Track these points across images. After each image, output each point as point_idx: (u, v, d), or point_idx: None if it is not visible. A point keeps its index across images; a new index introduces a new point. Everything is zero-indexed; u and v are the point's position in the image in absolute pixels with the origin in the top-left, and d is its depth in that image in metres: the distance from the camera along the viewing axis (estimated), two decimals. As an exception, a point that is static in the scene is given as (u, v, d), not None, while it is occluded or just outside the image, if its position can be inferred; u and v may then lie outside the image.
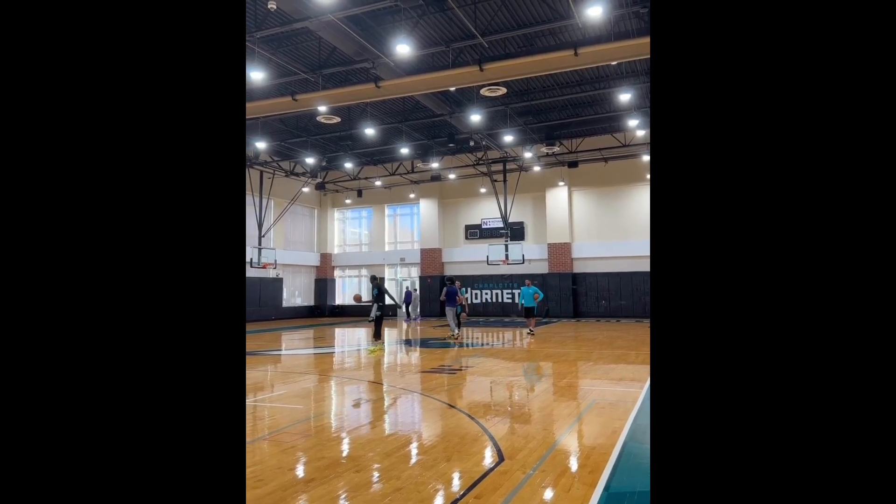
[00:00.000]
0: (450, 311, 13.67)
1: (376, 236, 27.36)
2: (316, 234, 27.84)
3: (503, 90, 13.89)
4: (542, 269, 22.83)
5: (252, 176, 22.35)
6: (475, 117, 16.23)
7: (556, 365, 9.09)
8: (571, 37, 12.17)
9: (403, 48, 11.12)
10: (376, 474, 3.63)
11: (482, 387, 7.16)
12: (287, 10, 10.20)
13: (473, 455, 4.01)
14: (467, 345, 12.73)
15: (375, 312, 11.24)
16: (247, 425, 5.12)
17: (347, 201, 27.31)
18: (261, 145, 19.18)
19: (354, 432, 4.89)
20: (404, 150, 20.25)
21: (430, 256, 25.16)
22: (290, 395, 6.65)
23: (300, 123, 18.84)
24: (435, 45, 12.60)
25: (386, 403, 6.40)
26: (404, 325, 14.21)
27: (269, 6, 9.21)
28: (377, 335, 11.58)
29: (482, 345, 12.70)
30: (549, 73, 11.85)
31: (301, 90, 13.86)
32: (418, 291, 24.43)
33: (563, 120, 18.70)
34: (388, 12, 11.32)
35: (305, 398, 6.47)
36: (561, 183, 22.67)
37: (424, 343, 13.23)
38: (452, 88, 13.53)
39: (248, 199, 22.72)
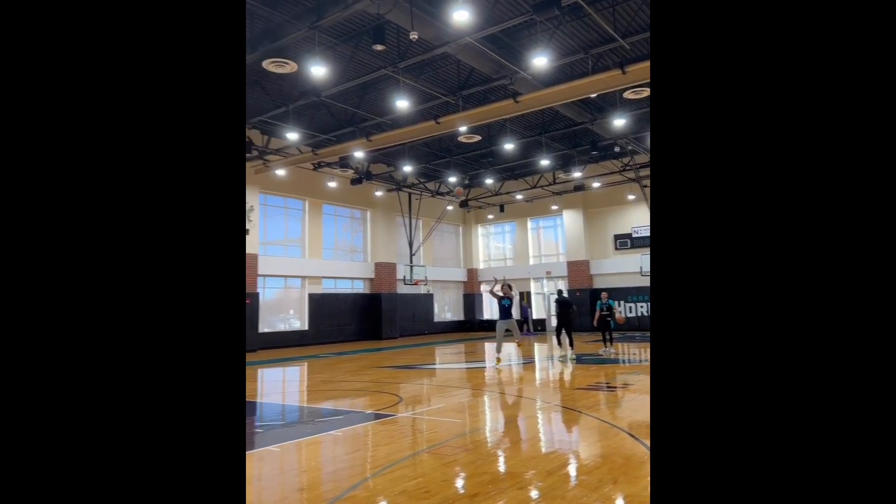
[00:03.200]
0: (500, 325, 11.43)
1: (520, 250, 27.35)
2: (462, 251, 28.56)
3: (648, 91, 13.22)
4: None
5: (402, 198, 23.62)
6: (619, 122, 15.62)
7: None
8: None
9: (541, 60, 11.08)
10: (539, 492, 3.56)
11: (644, 405, 6.76)
12: (427, 38, 10.69)
13: (641, 479, 3.77)
14: (624, 361, 12.14)
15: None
16: (408, 437, 5.33)
17: (490, 217, 27.69)
18: (408, 168, 20.20)
19: (513, 448, 4.87)
20: (545, 162, 20.07)
21: (577, 269, 24.54)
22: (447, 408, 6.82)
23: (443, 145, 19.54)
24: (573, 53, 12.39)
25: (542, 420, 6.30)
26: (554, 341, 13.92)
27: (412, 37, 9.72)
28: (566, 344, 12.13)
29: (640, 361, 12.03)
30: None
31: (443, 113, 14.38)
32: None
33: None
34: (524, 27, 11.37)
35: (462, 412, 6.59)
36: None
37: (579, 359, 12.87)
38: (593, 95, 13.17)
39: (399, 219, 24.02)
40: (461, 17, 9.36)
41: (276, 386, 10.32)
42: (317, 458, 4.79)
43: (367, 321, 22.55)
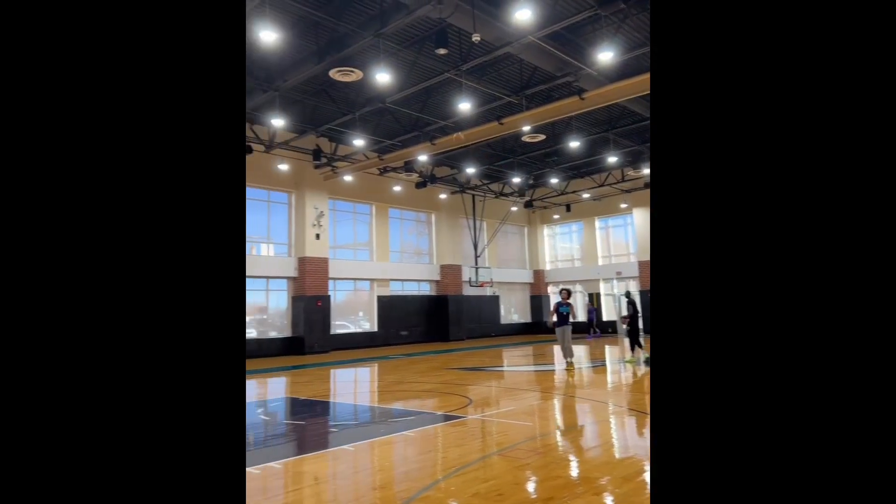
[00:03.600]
0: (560, 331, 10.98)
1: (588, 250, 26.77)
2: (527, 252, 28.29)
3: (722, 80, 12.59)
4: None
5: (465, 200, 23.69)
6: (690, 114, 14.98)
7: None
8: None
9: (606, 55, 10.81)
10: (614, 499, 3.46)
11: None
12: (489, 39, 10.68)
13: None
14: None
15: (626, 327, 11.64)
16: (479, 439, 5.33)
17: (556, 217, 27.27)
18: (471, 170, 20.24)
19: (586, 453, 4.76)
20: (612, 159, 19.56)
21: (649, 269, 23.75)
22: (517, 411, 6.77)
23: (506, 145, 19.44)
24: (640, 46, 12.01)
25: (615, 424, 6.12)
26: (625, 342, 13.53)
27: (474, 39, 9.73)
28: (637, 347, 12.03)
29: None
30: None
31: (506, 113, 14.31)
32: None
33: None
34: (588, 22, 11.13)
35: (532, 415, 6.51)
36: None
37: (649, 362, 12.43)
38: (662, 87, 12.68)
39: (463, 221, 24.09)
40: (523, 16, 9.28)
41: (348, 386, 10.58)
42: (389, 458, 4.87)
43: (434, 323, 22.75)
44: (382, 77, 11.14)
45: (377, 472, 4.43)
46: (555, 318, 11.09)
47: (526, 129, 15.06)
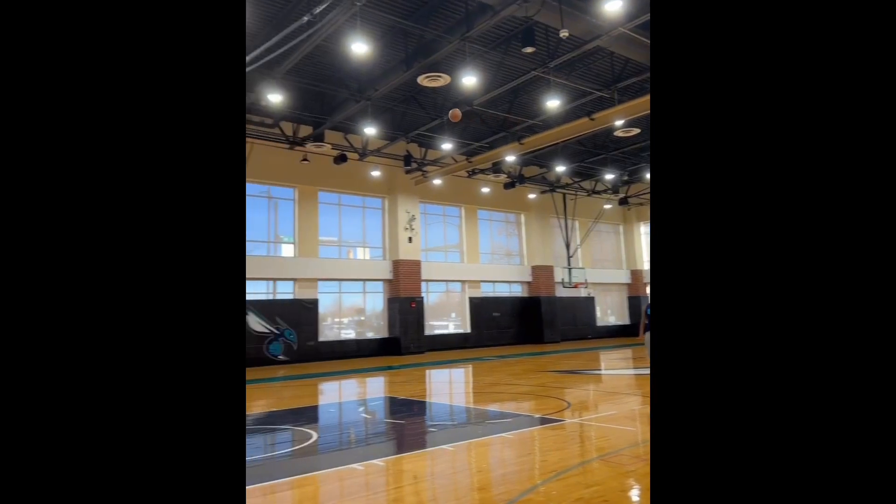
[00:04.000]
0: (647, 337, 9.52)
1: (689, 247, 25.39)
2: (624, 251, 27.31)
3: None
4: None
5: (556, 199, 23.27)
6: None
7: None
8: None
9: (705, 40, 10.22)
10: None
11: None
12: (578, 33, 10.43)
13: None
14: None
15: None
16: (578, 444, 5.19)
17: (653, 213, 26.10)
18: (560, 169, 19.86)
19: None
20: (714, 150, 18.44)
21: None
22: (619, 416, 6.53)
23: (598, 141, 18.90)
24: (742, 26, 11.24)
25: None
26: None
27: (562, 34, 9.54)
28: None
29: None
30: None
31: (597, 108, 13.91)
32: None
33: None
34: (684, 7, 10.58)
35: (634, 420, 6.26)
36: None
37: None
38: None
39: (554, 221, 23.68)
40: (613, 7, 8.97)
41: (443, 387, 10.71)
42: (487, 460, 4.86)
43: (526, 324, 22.52)
44: (469, 80, 11.20)
45: (476, 472, 4.43)
46: (646, 323, 9.95)
47: (618, 123, 14.55)
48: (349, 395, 9.26)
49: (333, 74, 13.09)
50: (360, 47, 9.52)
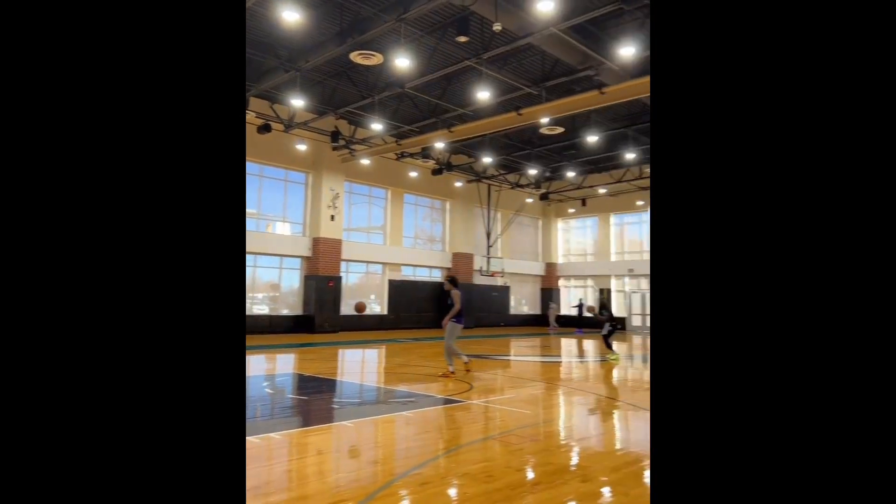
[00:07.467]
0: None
1: (601, 246, 26.69)
2: (540, 244, 28.26)
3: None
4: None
5: (481, 189, 23.70)
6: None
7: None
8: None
9: (628, 51, 10.75)
10: (604, 488, 3.56)
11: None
12: (512, 28, 10.66)
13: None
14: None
15: (608, 328, 12.01)
16: (479, 424, 5.44)
17: (571, 210, 27.17)
18: (487, 160, 20.23)
19: (581, 443, 4.85)
20: (630, 156, 19.43)
21: (660, 266, 23.62)
22: (518, 399, 6.87)
23: (524, 136, 19.39)
24: (663, 41, 11.89)
25: (615, 418, 6.21)
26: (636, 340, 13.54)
27: (495, 28, 9.73)
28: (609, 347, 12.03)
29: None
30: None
31: (525, 104, 14.27)
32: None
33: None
34: (611, 16, 11.05)
35: (533, 404, 6.61)
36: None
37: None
38: (684, 85, 12.57)
39: (477, 210, 24.11)
40: (546, 7, 9.25)
41: (353, 366, 10.76)
42: (388, 437, 5.00)
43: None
44: (403, 62, 11.18)
45: (374, 448, 4.56)
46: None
47: (544, 120, 15.02)
48: (256, 371, 9.12)
49: (263, 40, 12.62)
50: (291, 15, 9.26)
